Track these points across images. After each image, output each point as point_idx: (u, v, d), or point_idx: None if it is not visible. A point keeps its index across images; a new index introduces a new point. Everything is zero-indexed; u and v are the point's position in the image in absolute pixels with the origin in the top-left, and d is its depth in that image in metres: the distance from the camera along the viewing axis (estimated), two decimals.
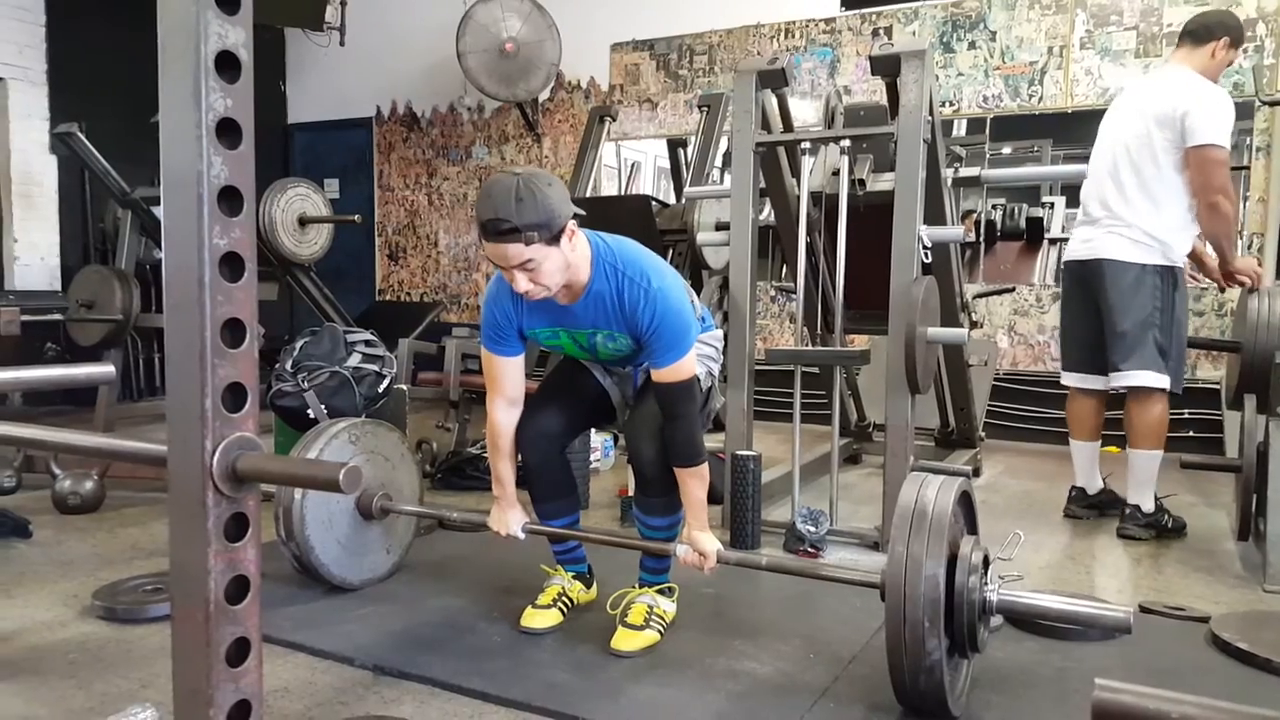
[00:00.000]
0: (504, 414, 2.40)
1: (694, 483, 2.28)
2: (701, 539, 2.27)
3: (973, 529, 2.05)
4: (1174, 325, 3.39)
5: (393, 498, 2.70)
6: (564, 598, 2.46)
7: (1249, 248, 5.35)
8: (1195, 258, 3.78)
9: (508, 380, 2.38)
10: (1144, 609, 2.61)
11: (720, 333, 2.54)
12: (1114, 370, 3.45)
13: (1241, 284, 3.54)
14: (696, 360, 2.28)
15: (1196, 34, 3.42)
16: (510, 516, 2.45)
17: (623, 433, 2.56)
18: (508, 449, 2.42)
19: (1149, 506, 3.45)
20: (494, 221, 1.99)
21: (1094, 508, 3.66)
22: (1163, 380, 3.39)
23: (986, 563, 1.90)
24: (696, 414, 2.28)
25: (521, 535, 2.45)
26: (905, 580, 1.78)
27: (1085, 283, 3.54)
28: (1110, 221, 3.46)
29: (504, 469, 2.45)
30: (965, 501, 2.00)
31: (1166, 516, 3.46)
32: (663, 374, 2.22)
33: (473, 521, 2.59)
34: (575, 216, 2.12)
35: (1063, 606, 1.88)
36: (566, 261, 2.11)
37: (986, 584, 1.87)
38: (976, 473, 4.52)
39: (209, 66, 0.94)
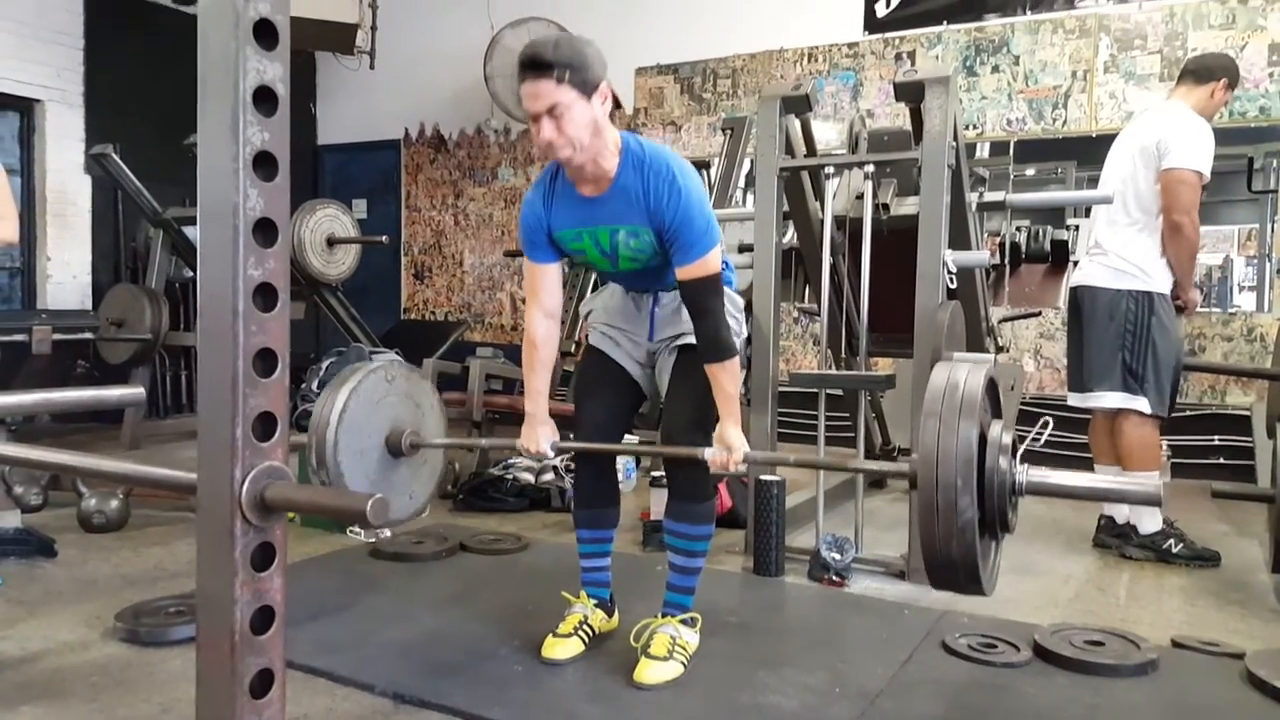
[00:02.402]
0: (541, 325, 2.43)
1: (725, 377, 2.27)
2: (731, 434, 2.26)
3: (998, 414, 2.02)
4: (1150, 349, 3.44)
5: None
6: (585, 626, 2.44)
7: (1278, 272, 5.30)
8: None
9: (544, 288, 2.41)
10: (1176, 644, 2.56)
11: (741, 300, 2.52)
12: (1086, 391, 3.59)
13: (1181, 310, 3.63)
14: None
15: (1198, 74, 3.57)
16: (540, 432, 2.44)
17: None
18: (543, 361, 2.45)
19: (1146, 528, 3.50)
20: (530, 57, 2.06)
21: (1123, 536, 3.61)
22: (1135, 401, 3.47)
23: (1015, 446, 1.89)
24: (723, 309, 2.27)
25: (551, 454, 2.44)
26: (938, 447, 1.77)
27: (1076, 309, 3.70)
28: (1096, 251, 3.63)
29: (538, 382, 2.46)
30: (992, 388, 1.97)
31: (1172, 542, 3.45)
32: (688, 270, 2.22)
33: (504, 448, 2.59)
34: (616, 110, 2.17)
35: (1091, 484, 1.88)
36: (595, 122, 2.13)
37: (1015, 466, 1.85)
38: None
39: (247, 101, 0.96)
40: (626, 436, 2.74)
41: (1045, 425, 2.12)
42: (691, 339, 2.33)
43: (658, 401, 2.56)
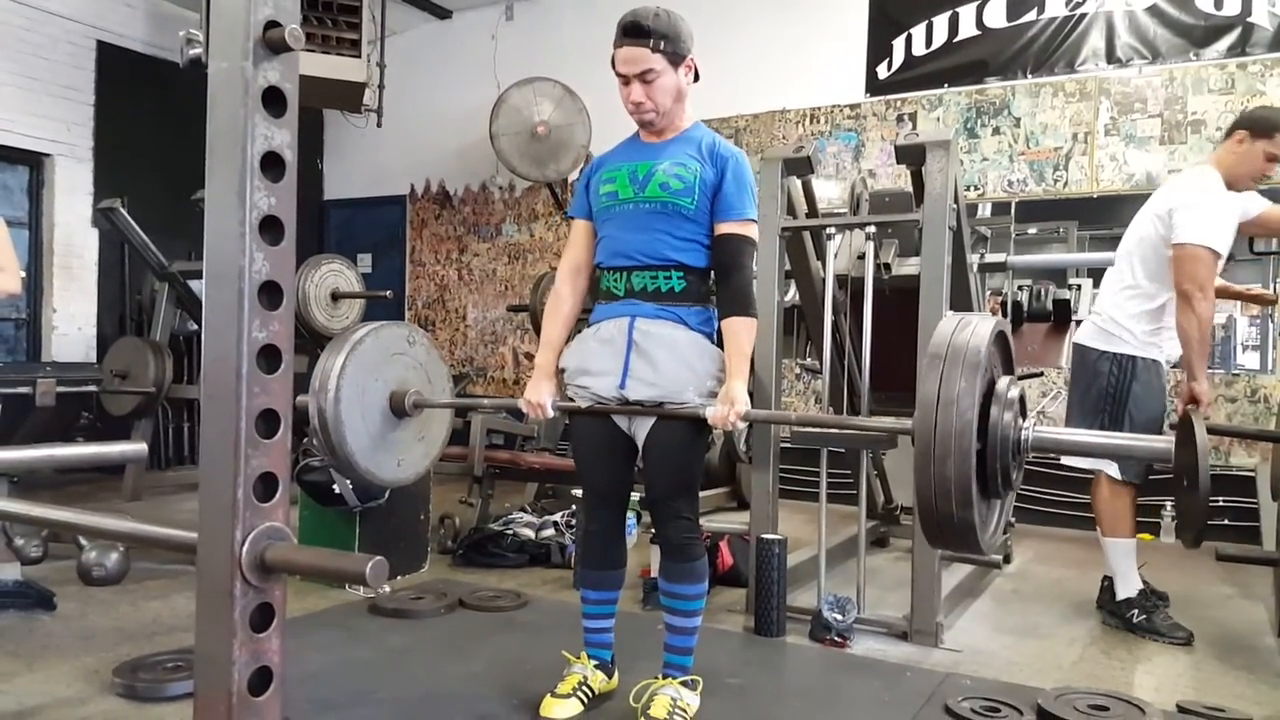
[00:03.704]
0: (570, 279, 2.52)
1: (744, 333, 2.33)
2: (736, 389, 2.25)
3: (1009, 369, 1.94)
4: (1126, 415, 3.35)
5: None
6: (584, 687, 2.41)
7: None
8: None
9: (580, 243, 2.52)
10: (1182, 709, 2.53)
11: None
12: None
13: (1190, 409, 3.22)
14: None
15: (1227, 130, 3.46)
16: (544, 387, 2.44)
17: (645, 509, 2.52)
18: (564, 314, 2.51)
19: (1121, 593, 3.42)
20: (631, 23, 2.27)
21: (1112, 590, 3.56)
22: (1106, 465, 3.39)
23: (1023, 402, 1.78)
24: (752, 269, 2.39)
25: (552, 412, 2.44)
26: (939, 396, 1.66)
27: (1073, 366, 3.68)
28: (1094, 311, 3.59)
29: (554, 334, 2.49)
30: (1001, 340, 1.86)
31: (1135, 612, 3.35)
32: (730, 225, 2.34)
33: (504, 407, 2.56)
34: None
35: (1101, 440, 1.80)
36: (679, 90, 2.36)
37: (1020, 421, 1.74)
38: (1007, 559, 4.43)
39: (254, 167, 0.98)
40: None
41: (1059, 394, 2.06)
42: (661, 398, 2.30)
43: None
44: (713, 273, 2.39)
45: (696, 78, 2.41)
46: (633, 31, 2.26)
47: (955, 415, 1.64)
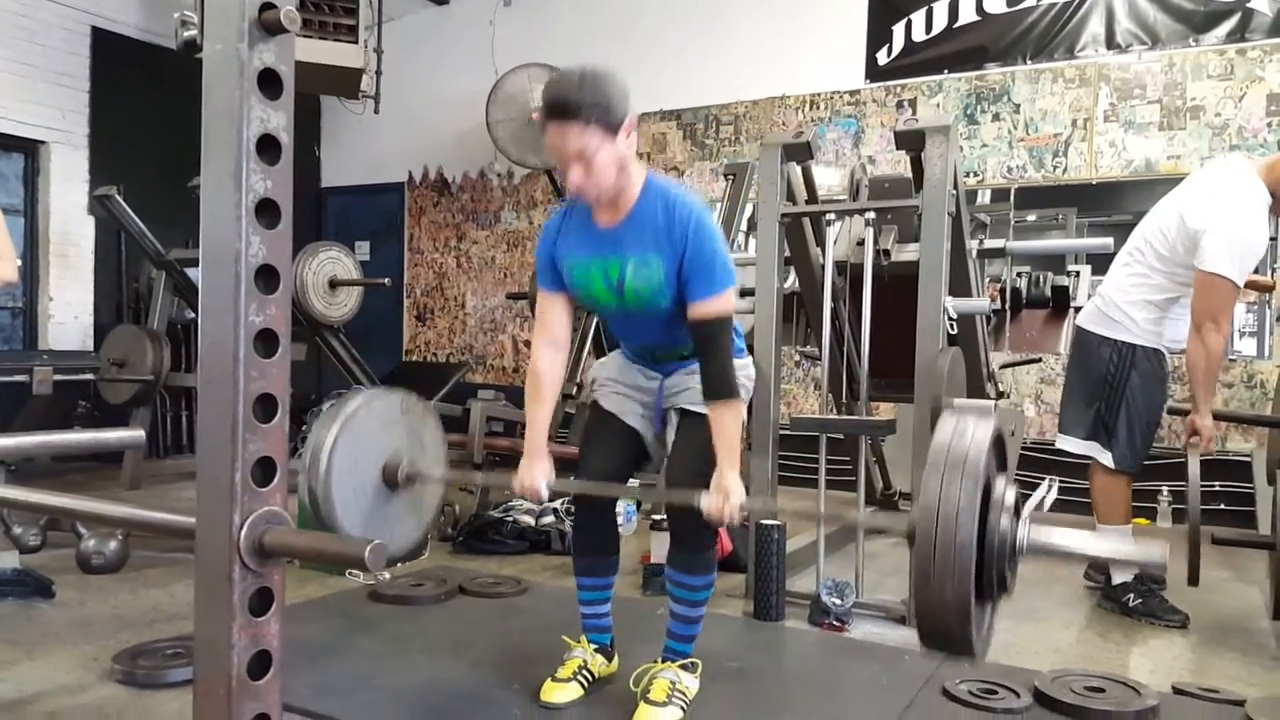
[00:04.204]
0: (546, 355, 2.37)
1: (730, 418, 2.20)
2: (729, 480, 2.15)
3: (1003, 467, 1.96)
4: (1124, 405, 3.30)
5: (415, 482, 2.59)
6: (584, 670, 2.42)
7: (1278, 319, 5.32)
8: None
9: (552, 317, 2.37)
10: (1177, 690, 2.54)
11: (751, 368, 2.48)
12: (1061, 433, 3.51)
13: (1192, 442, 3.19)
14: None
15: None
16: (537, 469, 2.33)
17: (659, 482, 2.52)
18: (546, 393, 2.38)
19: (1118, 578, 3.42)
20: (556, 101, 2.03)
21: (1107, 574, 3.57)
22: (1101, 454, 3.36)
23: (1019, 504, 1.79)
24: (731, 348, 2.24)
25: (546, 495, 2.34)
26: (939, 507, 1.68)
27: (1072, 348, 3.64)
28: (1098, 293, 3.52)
29: (539, 414, 2.38)
30: (999, 443, 1.90)
31: (1131, 595, 3.34)
32: (700, 308, 2.18)
33: (496, 485, 2.55)
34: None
35: (1094, 547, 1.81)
36: (621, 160, 2.11)
37: (1017, 525, 1.75)
38: None
39: (250, 149, 0.98)
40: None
41: (1051, 486, 2.08)
42: (697, 407, 2.30)
43: (662, 456, 2.52)
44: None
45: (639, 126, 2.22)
46: (558, 111, 2.03)
47: (956, 529, 1.67)
